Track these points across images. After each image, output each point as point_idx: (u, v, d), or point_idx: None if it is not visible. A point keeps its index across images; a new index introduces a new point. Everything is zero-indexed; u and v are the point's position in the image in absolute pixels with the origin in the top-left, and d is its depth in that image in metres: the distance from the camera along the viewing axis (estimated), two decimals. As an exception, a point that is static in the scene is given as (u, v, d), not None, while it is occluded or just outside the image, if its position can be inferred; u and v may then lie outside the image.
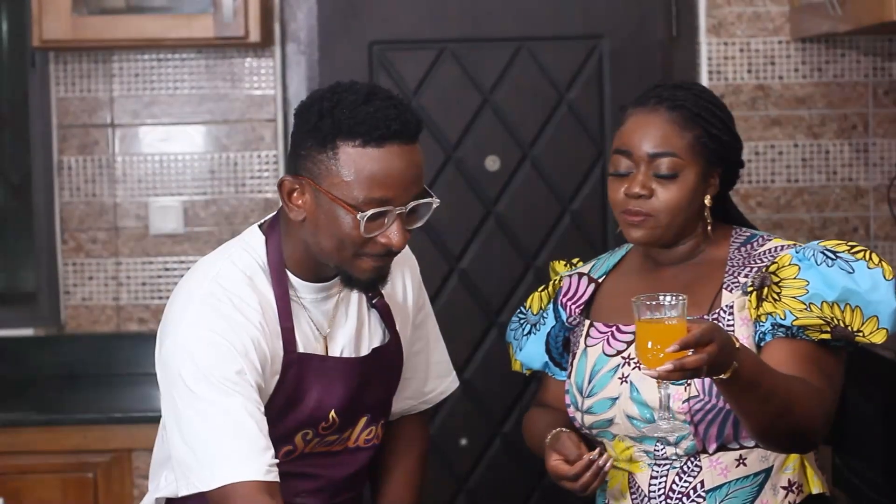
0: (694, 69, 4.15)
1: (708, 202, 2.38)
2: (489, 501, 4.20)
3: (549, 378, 2.61)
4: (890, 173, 4.14)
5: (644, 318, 2.11)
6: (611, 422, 2.38)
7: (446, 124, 4.17)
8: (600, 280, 2.53)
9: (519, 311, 2.67)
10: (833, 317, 2.26)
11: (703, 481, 2.34)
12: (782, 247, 2.35)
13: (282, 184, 2.26)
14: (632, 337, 2.35)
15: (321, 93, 2.25)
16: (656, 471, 2.37)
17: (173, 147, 4.19)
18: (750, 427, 2.23)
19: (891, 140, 4.14)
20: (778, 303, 2.28)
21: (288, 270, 2.32)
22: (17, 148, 4.37)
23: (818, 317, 2.26)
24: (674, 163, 2.33)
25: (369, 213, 2.18)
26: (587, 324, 2.48)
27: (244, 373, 2.22)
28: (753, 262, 2.35)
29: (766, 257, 2.34)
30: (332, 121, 2.19)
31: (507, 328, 2.68)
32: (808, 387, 2.23)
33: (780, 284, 2.29)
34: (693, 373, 2.06)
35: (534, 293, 2.66)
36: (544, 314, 2.59)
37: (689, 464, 2.35)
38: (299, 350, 2.31)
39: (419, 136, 2.24)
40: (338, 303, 2.38)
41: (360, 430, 2.41)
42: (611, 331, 2.43)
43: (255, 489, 2.16)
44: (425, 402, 2.62)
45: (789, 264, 2.30)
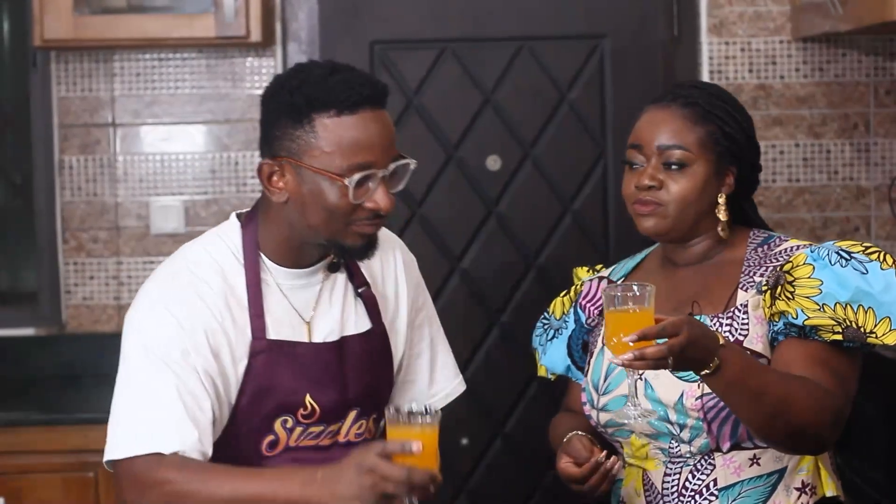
0: (695, 69, 4.15)
1: (722, 201, 2.40)
2: (490, 502, 4.20)
3: (572, 382, 2.64)
4: (891, 173, 4.14)
5: (611, 308, 2.16)
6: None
7: (447, 124, 4.17)
8: (619, 282, 2.55)
9: (543, 316, 2.71)
10: (846, 318, 2.26)
11: (715, 479, 2.35)
12: (798, 246, 2.37)
13: (260, 168, 2.32)
14: None
15: (285, 74, 2.34)
16: (670, 468, 2.38)
17: (174, 146, 4.19)
18: (747, 424, 2.24)
19: (892, 140, 4.14)
20: (791, 302, 2.29)
21: (266, 257, 2.37)
22: (19, 147, 4.37)
23: (830, 317, 2.26)
24: (683, 155, 2.37)
25: (356, 177, 2.23)
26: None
27: (188, 355, 2.28)
28: (769, 262, 2.36)
29: (782, 256, 2.35)
30: (304, 96, 2.26)
31: (533, 334, 2.72)
32: (810, 386, 2.23)
33: (793, 284, 2.30)
34: (656, 363, 2.10)
35: (556, 298, 2.70)
36: (566, 318, 2.63)
37: (702, 462, 2.36)
38: (270, 337, 2.34)
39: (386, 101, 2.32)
40: (321, 290, 2.40)
41: (349, 424, 2.42)
42: None
43: (158, 462, 2.23)
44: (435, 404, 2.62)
45: (804, 263, 2.31)
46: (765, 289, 2.32)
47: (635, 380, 2.21)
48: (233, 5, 3.85)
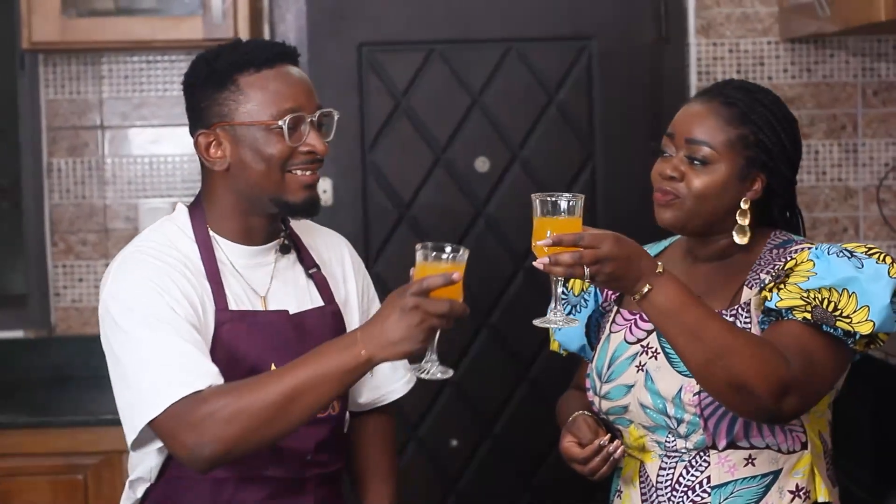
0: (683, 70, 4.15)
1: (745, 206, 2.39)
2: (479, 503, 4.20)
3: (584, 361, 2.64)
4: (879, 173, 4.15)
5: (539, 214, 2.22)
6: (625, 409, 2.41)
7: (436, 125, 4.17)
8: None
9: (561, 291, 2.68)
10: (823, 298, 2.26)
11: (709, 477, 2.35)
12: (807, 247, 2.36)
13: (196, 141, 2.41)
14: (652, 326, 2.40)
15: (199, 56, 2.44)
16: (665, 462, 2.39)
17: (163, 149, 4.19)
18: (686, 365, 2.24)
19: (880, 140, 4.15)
20: (779, 289, 2.29)
21: (217, 235, 2.43)
22: (7, 150, 4.36)
23: (801, 298, 2.26)
24: (707, 153, 2.38)
25: (288, 118, 2.34)
26: (615, 310, 2.52)
27: (174, 309, 2.30)
28: (778, 261, 2.36)
29: (791, 256, 2.35)
30: (223, 61, 2.38)
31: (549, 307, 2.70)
32: (761, 344, 2.22)
33: (790, 276, 2.30)
34: (569, 270, 2.16)
35: None
36: (585, 296, 2.63)
37: (697, 458, 2.36)
38: (231, 307, 2.38)
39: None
40: (274, 270, 2.46)
41: None
42: (635, 318, 2.46)
43: (199, 399, 2.22)
44: (393, 392, 2.67)
45: (806, 260, 2.32)
46: (767, 286, 2.32)
47: (554, 282, 2.25)
48: (220, 7, 3.85)
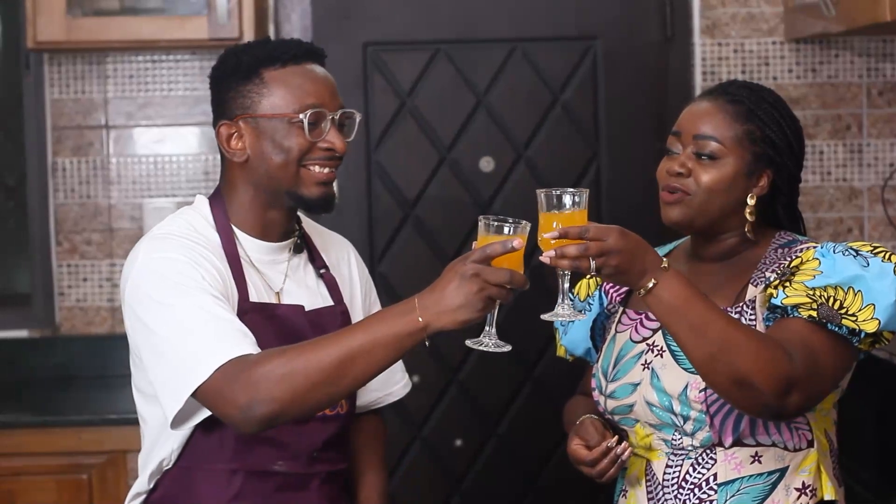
0: (688, 70, 4.15)
1: (752, 202, 2.41)
2: (483, 503, 4.20)
3: (590, 367, 2.65)
4: (884, 174, 4.14)
5: (545, 208, 2.23)
6: (631, 407, 2.42)
7: (440, 125, 4.17)
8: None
9: (580, 309, 2.69)
10: (829, 296, 2.26)
11: (716, 474, 2.36)
12: (813, 246, 2.37)
13: (218, 132, 2.42)
14: (658, 324, 2.41)
15: (227, 50, 2.47)
16: (672, 460, 2.40)
17: (167, 148, 4.19)
18: (691, 361, 2.24)
19: (885, 140, 4.15)
20: (780, 286, 2.29)
21: (236, 228, 2.44)
22: (12, 150, 4.37)
23: (807, 295, 2.26)
24: (716, 147, 2.39)
25: (309, 112, 2.37)
26: (620, 311, 2.54)
27: (206, 280, 2.30)
28: (784, 260, 2.37)
29: (796, 254, 2.36)
30: (250, 56, 2.41)
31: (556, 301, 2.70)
32: (763, 340, 2.22)
33: (795, 274, 2.31)
34: (575, 263, 2.17)
35: (582, 280, 2.70)
36: (590, 300, 2.64)
37: (704, 455, 2.37)
38: (251, 299, 2.39)
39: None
40: (287, 270, 2.48)
41: None
42: (640, 318, 2.47)
43: (249, 360, 2.20)
44: (390, 395, 2.69)
45: (812, 258, 2.32)
46: (773, 283, 2.32)
47: (561, 276, 2.26)
48: (226, 7, 3.85)
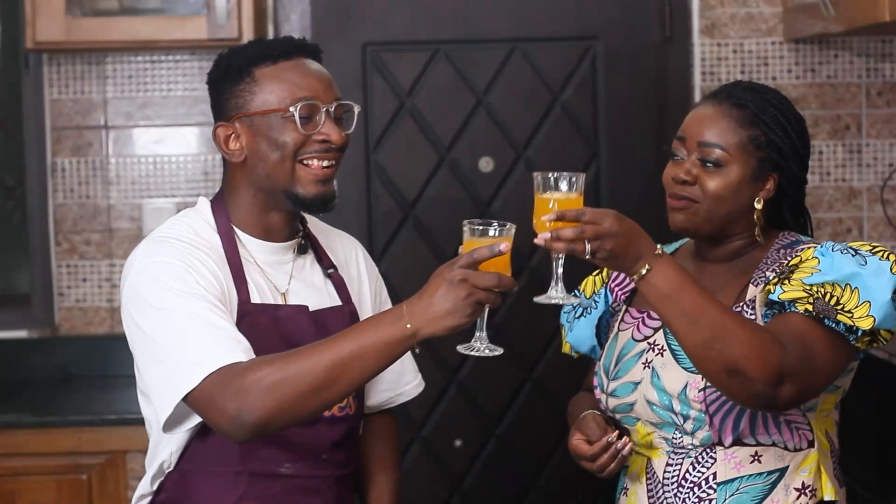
0: (687, 70, 4.15)
1: (759, 206, 2.41)
2: (483, 503, 4.20)
3: (594, 362, 2.64)
4: (883, 174, 4.14)
5: (541, 191, 2.22)
6: (632, 406, 2.42)
7: (440, 125, 4.17)
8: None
9: (573, 293, 2.69)
10: (826, 292, 2.26)
11: (715, 473, 2.36)
12: (814, 245, 2.37)
13: (216, 134, 2.41)
14: (659, 323, 2.42)
15: (220, 54, 2.47)
16: (672, 458, 2.40)
17: (167, 149, 4.19)
18: (684, 348, 2.24)
19: (884, 141, 4.15)
20: (783, 283, 2.29)
21: (238, 229, 2.43)
22: (11, 150, 4.37)
23: (804, 290, 2.26)
24: (720, 155, 2.38)
25: (300, 105, 2.35)
26: (623, 309, 2.54)
27: (201, 285, 2.29)
28: (784, 259, 2.37)
29: (796, 254, 2.36)
30: (242, 56, 2.40)
31: (561, 310, 2.71)
32: (756, 329, 2.22)
33: (794, 272, 2.31)
34: (570, 245, 2.17)
35: (588, 277, 2.71)
36: (596, 298, 2.65)
37: (704, 454, 2.37)
38: (253, 301, 2.38)
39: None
40: (293, 271, 2.47)
41: None
42: (642, 317, 2.48)
43: (241, 368, 2.20)
44: (402, 395, 2.67)
45: (811, 257, 2.32)
46: (772, 281, 2.32)
47: (555, 259, 2.25)
48: (225, 7, 3.85)
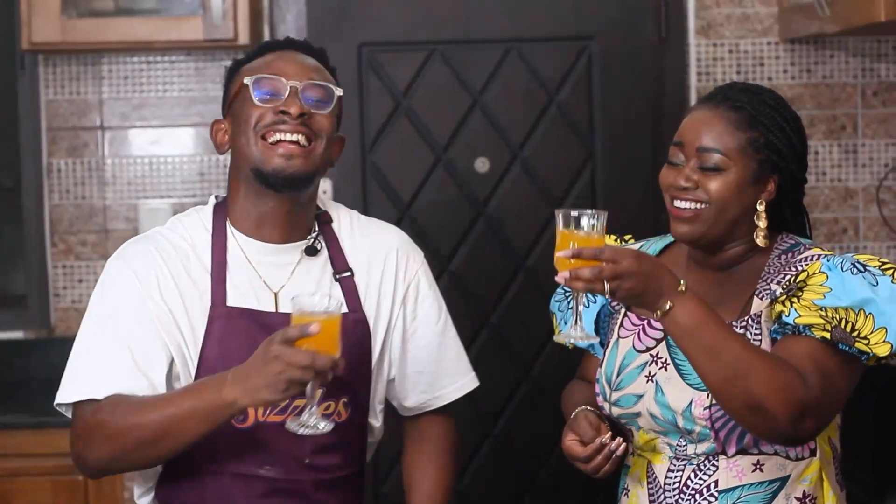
0: (683, 70, 4.16)
1: (761, 208, 2.37)
2: (482, 503, 4.20)
3: (589, 354, 2.63)
4: (879, 174, 4.15)
5: (563, 227, 2.20)
6: (637, 415, 2.41)
7: (436, 126, 4.17)
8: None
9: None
10: (840, 318, 2.23)
11: (717, 481, 2.35)
12: (817, 256, 2.34)
13: (210, 128, 2.52)
14: (661, 334, 2.40)
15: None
16: (675, 464, 2.39)
17: (163, 149, 4.19)
18: (706, 384, 2.21)
19: (879, 141, 4.15)
20: (788, 302, 2.27)
21: (237, 230, 2.46)
22: (7, 150, 4.36)
23: (820, 315, 2.23)
24: (720, 160, 2.34)
25: (255, 77, 2.39)
26: (623, 312, 2.51)
27: (144, 305, 2.36)
28: (788, 270, 2.34)
29: (800, 265, 2.33)
30: (237, 62, 2.50)
31: (552, 298, 2.67)
32: (779, 364, 2.19)
33: (803, 289, 2.27)
34: (588, 285, 2.12)
35: None
36: None
37: (706, 462, 2.36)
38: (229, 304, 2.39)
39: (319, 55, 2.49)
40: (296, 269, 2.46)
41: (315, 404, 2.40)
42: (643, 325, 2.45)
43: (95, 407, 2.33)
44: (440, 399, 2.64)
45: (818, 272, 2.28)
46: (780, 298, 2.30)
47: (575, 298, 2.24)
48: (220, 8, 3.85)
